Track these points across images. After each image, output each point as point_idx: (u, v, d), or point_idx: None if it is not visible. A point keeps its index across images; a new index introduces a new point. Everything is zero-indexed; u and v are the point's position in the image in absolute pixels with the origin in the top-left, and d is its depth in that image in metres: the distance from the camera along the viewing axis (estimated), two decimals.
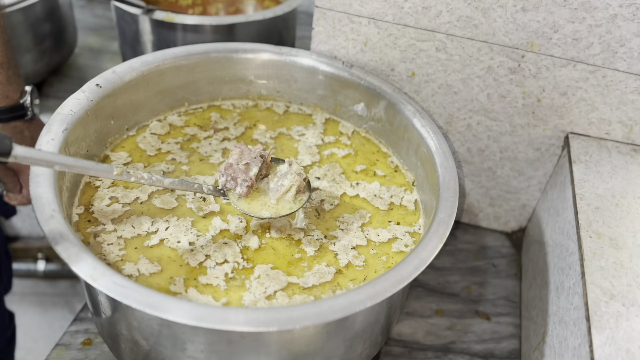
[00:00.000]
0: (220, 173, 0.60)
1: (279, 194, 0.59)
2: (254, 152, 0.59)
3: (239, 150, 0.59)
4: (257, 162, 0.58)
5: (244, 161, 0.58)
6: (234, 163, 0.58)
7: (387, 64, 0.78)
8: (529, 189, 0.86)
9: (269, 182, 0.61)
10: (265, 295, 0.56)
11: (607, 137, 0.77)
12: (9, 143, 0.45)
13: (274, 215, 0.59)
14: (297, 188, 0.59)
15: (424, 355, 0.74)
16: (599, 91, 0.73)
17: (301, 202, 0.60)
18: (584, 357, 0.53)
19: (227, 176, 0.59)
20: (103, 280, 0.46)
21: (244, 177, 0.58)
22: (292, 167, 0.60)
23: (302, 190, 0.60)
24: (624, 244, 0.62)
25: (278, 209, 0.60)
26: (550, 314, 0.67)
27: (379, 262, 0.61)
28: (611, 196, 0.68)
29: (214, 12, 1.14)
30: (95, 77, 0.68)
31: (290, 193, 0.59)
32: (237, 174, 0.58)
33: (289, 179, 0.59)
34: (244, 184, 0.58)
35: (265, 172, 0.61)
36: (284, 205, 0.60)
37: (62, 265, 1.20)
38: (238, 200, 0.60)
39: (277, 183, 0.60)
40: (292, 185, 0.59)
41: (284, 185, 0.59)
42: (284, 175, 0.60)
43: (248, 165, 0.58)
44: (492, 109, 0.78)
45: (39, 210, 0.51)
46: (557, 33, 0.69)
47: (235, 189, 0.59)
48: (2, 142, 0.44)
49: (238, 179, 0.58)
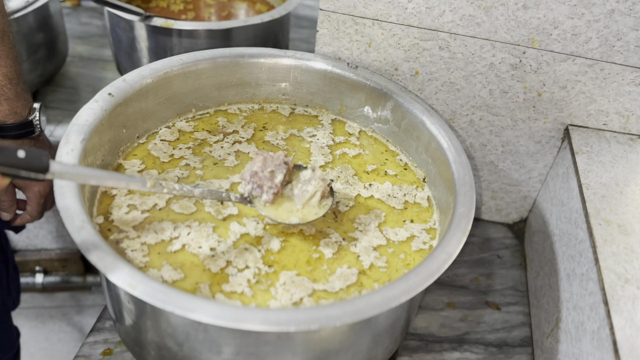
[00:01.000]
0: (246, 181, 0.60)
1: (304, 199, 0.60)
2: (277, 159, 0.60)
3: (262, 158, 0.60)
4: (282, 169, 0.59)
5: (269, 168, 0.59)
6: (259, 170, 0.59)
7: (391, 63, 0.80)
8: (530, 181, 0.88)
9: (292, 188, 0.61)
10: (292, 302, 0.57)
11: (605, 127, 0.79)
12: (46, 160, 0.45)
13: (302, 221, 0.60)
14: (322, 193, 0.60)
15: (440, 347, 0.75)
16: (597, 84, 0.75)
17: (326, 207, 0.61)
18: (604, 339, 0.55)
19: (252, 184, 0.59)
20: (142, 288, 0.46)
21: (270, 184, 0.59)
22: (315, 172, 0.61)
23: (326, 195, 0.62)
24: (632, 229, 0.64)
25: (304, 215, 0.60)
26: (563, 300, 0.69)
27: (398, 261, 0.62)
28: (615, 184, 0.70)
29: (206, 16, 1.14)
30: (106, 86, 0.68)
31: (315, 198, 0.60)
32: (263, 181, 0.59)
33: (313, 185, 0.60)
34: (269, 191, 0.59)
35: (288, 179, 0.62)
36: (309, 210, 0.61)
37: (61, 277, 1.18)
38: (264, 208, 0.60)
39: (301, 189, 0.61)
40: (316, 190, 0.60)
41: (309, 191, 0.60)
42: (308, 181, 0.60)
43: (273, 172, 0.59)
44: (494, 105, 0.81)
45: (68, 222, 0.51)
46: (557, 29, 0.72)
47: (262, 197, 0.60)
48: (40, 159, 0.44)
49: (264, 186, 0.59)
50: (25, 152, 0.44)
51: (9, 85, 0.68)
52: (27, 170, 0.44)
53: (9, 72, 0.67)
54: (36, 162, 0.44)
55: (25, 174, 0.44)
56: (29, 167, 0.44)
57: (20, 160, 0.44)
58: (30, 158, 0.44)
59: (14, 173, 0.44)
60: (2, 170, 0.43)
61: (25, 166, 0.44)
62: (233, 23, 0.93)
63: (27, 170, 0.44)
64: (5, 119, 0.70)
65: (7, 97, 0.68)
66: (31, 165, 0.44)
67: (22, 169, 0.44)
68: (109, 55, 1.24)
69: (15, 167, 0.44)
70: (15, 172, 0.44)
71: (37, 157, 0.44)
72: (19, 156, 0.44)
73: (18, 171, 0.44)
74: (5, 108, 0.69)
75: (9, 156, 0.43)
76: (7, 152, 0.43)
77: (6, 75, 0.67)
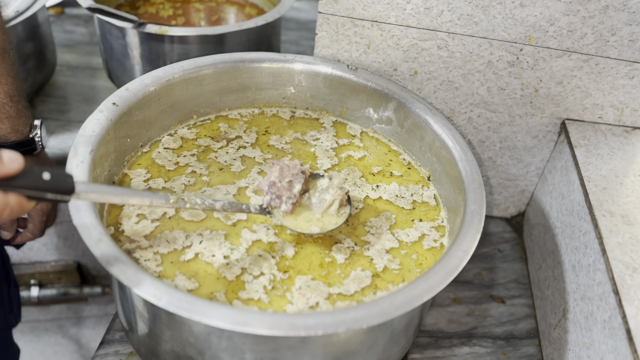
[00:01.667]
0: (264, 192, 0.60)
1: (323, 208, 0.60)
2: (294, 169, 0.60)
3: (279, 167, 0.60)
4: (299, 179, 0.59)
5: (287, 178, 0.59)
6: (277, 181, 0.59)
7: (390, 64, 0.80)
8: (527, 175, 0.90)
9: (310, 197, 0.62)
10: (309, 306, 0.57)
11: (601, 120, 0.81)
12: (71, 181, 0.44)
13: (322, 230, 0.60)
14: (340, 202, 0.60)
15: (450, 342, 0.76)
16: (592, 78, 0.77)
17: (344, 216, 0.62)
18: (617, 328, 0.57)
19: (271, 194, 0.60)
20: (168, 299, 0.46)
21: (289, 194, 0.59)
22: (333, 181, 0.61)
23: (344, 203, 0.62)
24: (635, 219, 0.66)
25: (324, 224, 0.61)
26: (569, 291, 0.70)
27: (410, 262, 0.63)
28: (614, 176, 0.72)
29: (196, 21, 1.14)
30: (110, 96, 0.67)
31: (334, 207, 0.60)
32: (282, 191, 0.59)
33: (331, 193, 0.60)
34: (288, 202, 0.59)
35: (305, 187, 0.62)
36: (329, 219, 0.61)
37: (57, 289, 1.17)
38: (284, 218, 0.61)
39: (319, 197, 0.61)
40: (334, 199, 0.60)
41: (327, 200, 0.60)
42: (326, 189, 0.61)
43: (291, 182, 0.59)
44: (492, 102, 0.82)
45: (86, 236, 0.50)
46: (553, 26, 0.73)
47: (280, 207, 0.60)
48: (65, 181, 0.44)
49: (283, 197, 0.59)
50: (50, 174, 0.43)
51: (10, 103, 0.67)
52: (53, 192, 0.44)
53: (10, 89, 0.66)
54: (62, 184, 0.44)
55: (51, 196, 0.44)
56: (55, 190, 0.44)
57: (45, 182, 0.43)
58: (55, 180, 0.43)
59: (39, 196, 0.43)
60: (28, 194, 0.42)
61: (52, 189, 0.43)
62: (228, 28, 0.93)
63: (53, 193, 0.44)
64: (7, 137, 0.69)
65: (8, 115, 0.67)
66: (57, 188, 0.44)
67: (48, 192, 0.43)
68: (98, 63, 1.22)
69: (42, 190, 0.43)
70: (41, 195, 0.43)
71: (62, 178, 0.44)
72: (45, 178, 0.43)
73: (44, 194, 0.43)
74: (7, 126, 0.68)
75: (34, 179, 0.42)
76: (32, 175, 0.42)
77: (7, 93, 0.66)
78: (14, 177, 0.42)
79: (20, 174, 0.42)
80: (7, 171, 0.41)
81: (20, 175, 0.42)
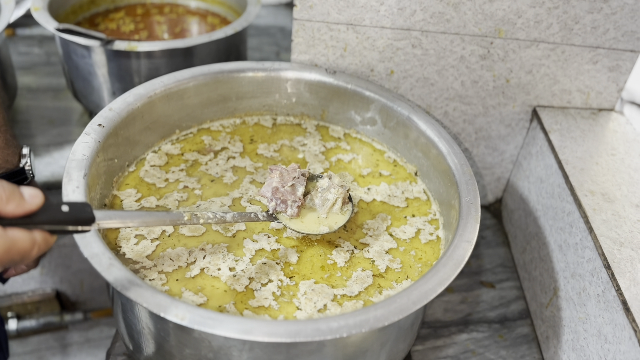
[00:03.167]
0: (268, 198, 0.61)
1: (327, 208, 0.61)
2: (294, 172, 0.61)
3: (279, 172, 0.61)
4: (301, 182, 0.60)
5: (289, 182, 0.60)
6: (279, 186, 0.59)
7: (366, 65, 0.82)
8: (502, 163, 0.93)
9: (312, 198, 0.62)
10: (317, 309, 0.58)
11: (569, 105, 0.85)
12: (90, 210, 0.44)
13: (330, 229, 0.61)
14: (343, 200, 0.61)
15: (448, 331, 0.79)
16: (560, 65, 0.81)
17: (348, 213, 0.63)
18: (612, 301, 0.60)
19: (276, 200, 0.60)
20: (191, 317, 0.46)
21: (293, 197, 0.60)
22: (333, 180, 0.62)
23: (346, 201, 0.63)
24: (615, 197, 0.70)
25: (330, 223, 0.62)
26: (558, 270, 0.74)
27: (410, 258, 0.65)
28: (589, 157, 0.76)
29: (160, 34, 1.12)
30: (94, 118, 0.66)
31: (337, 205, 0.61)
32: (286, 196, 0.60)
33: (333, 193, 0.61)
34: (294, 205, 0.60)
35: (306, 189, 0.63)
36: (334, 218, 0.62)
37: (36, 319, 1.13)
38: (290, 222, 0.61)
39: (321, 197, 0.62)
40: (337, 197, 0.61)
41: (329, 199, 0.61)
42: (327, 189, 0.62)
43: (294, 186, 0.60)
44: (466, 95, 0.85)
45: (97, 264, 0.49)
46: (520, 18, 0.76)
47: (287, 211, 0.60)
48: (84, 211, 0.43)
49: (288, 201, 0.60)
50: (69, 206, 0.42)
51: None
52: (74, 224, 0.43)
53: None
54: (82, 214, 0.43)
55: (72, 228, 0.43)
56: (76, 221, 0.43)
57: (66, 215, 0.42)
58: (74, 212, 0.42)
59: (61, 229, 0.42)
60: (50, 229, 0.41)
61: (72, 220, 0.42)
62: (199, 39, 0.93)
63: (74, 225, 0.43)
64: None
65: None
66: (78, 219, 0.43)
67: (68, 224, 0.42)
68: (59, 84, 1.19)
69: (63, 223, 0.42)
70: (62, 228, 0.42)
71: (81, 209, 0.43)
72: (64, 211, 0.42)
73: (65, 227, 0.42)
74: None
75: (55, 213, 0.42)
76: (52, 209, 0.41)
77: None
78: (35, 213, 0.41)
79: (40, 209, 0.41)
80: (30, 208, 0.40)
81: (41, 211, 0.41)
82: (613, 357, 0.59)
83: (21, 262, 0.41)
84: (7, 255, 0.40)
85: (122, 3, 1.20)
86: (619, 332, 0.58)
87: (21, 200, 0.41)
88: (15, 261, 0.41)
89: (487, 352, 0.76)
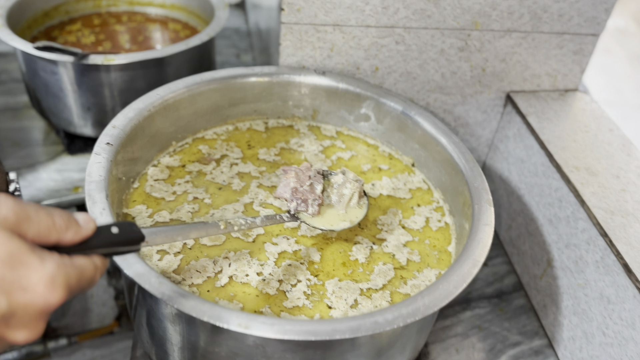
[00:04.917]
0: (289, 199, 0.62)
1: (345, 203, 0.63)
2: (309, 171, 0.62)
3: (294, 173, 0.62)
4: (319, 180, 0.61)
5: (307, 182, 0.61)
6: (298, 186, 0.61)
7: (352, 64, 0.84)
8: (479, 147, 0.99)
9: (329, 195, 0.64)
10: (349, 306, 0.60)
11: (539, 88, 0.91)
12: (137, 229, 0.43)
13: (352, 224, 0.63)
14: (359, 194, 0.63)
15: (453, 310, 0.83)
16: (530, 52, 0.87)
17: (365, 206, 0.65)
18: (612, 265, 0.66)
19: (296, 200, 0.61)
20: (255, 325, 0.47)
21: (313, 196, 0.61)
22: (347, 175, 0.63)
23: (361, 195, 0.65)
24: (597, 170, 0.76)
25: (350, 218, 0.63)
26: (550, 242, 0.79)
27: (426, 247, 0.68)
28: (567, 135, 0.82)
29: (123, 44, 1.09)
30: (101, 137, 0.65)
31: (354, 200, 0.63)
32: (306, 195, 0.61)
33: (349, 187, 0.63)
34: (314, 204, 0.61)
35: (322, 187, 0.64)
36: (353, 212, 0.64)
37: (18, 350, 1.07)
38: (312, 220, 0.62)
39: (338, 193, 0.63)
40: (353, 192, 0.63)
41: (346, 194, 0.63)
42: (342, 184, 0.63)
43: (312, 185, 0.61)
44: (445, 86, 0.89)
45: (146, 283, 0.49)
46: (495, 10, 0.81)
47: (308, 210, 0.62)
48: (133, 230, 0.43)
49: (308, 200, 0.61)
50: (118, 227, 0.42)
51: None
52: (125, 245, 0.42)
53: None
54: (132, 234, 0.43)
55: (123, 249, 0.42)
56: (126, 242, 0.42)
57: (116, 236, 0.42)
58: (124, 232, 0.42)
59: (113, 251, 0.42)
60: (103, 252, 0.41)
61: (123, 241, 0.42)
62: (176, 48, 0.91)
63: (125, 245, 0.42)
64: None
65: None
66: (129, 239, 0.42)
67: (120, 246, 0.42)
68: (18, 103, 1.13)
69: (115, 245, 0.42)
70: (114, 250, 0.42)
71: (129, 229, 0.43)
72: (114, 232, 0.42)
73: (117, 248, 0.42)
74: None
75: (108, 236, 0.41)
76: (104, 233, 0.41)
77: None
78: (90, 238, 0.40)
79: (94, 233, 0.41)
80: (86, 234, 0.40)
81: (95, 235, 0.41)
82: (618, 315, 0.65)
83: (87, 290, 0.41)
84: (78, 285, 0.39)
85: (77, 14, 1.16)
86: (622, 293, 0.64)
87: (77, 226, 0.40)
88: (84, 289, 0.40)
89: (492, 325, 0.81)
